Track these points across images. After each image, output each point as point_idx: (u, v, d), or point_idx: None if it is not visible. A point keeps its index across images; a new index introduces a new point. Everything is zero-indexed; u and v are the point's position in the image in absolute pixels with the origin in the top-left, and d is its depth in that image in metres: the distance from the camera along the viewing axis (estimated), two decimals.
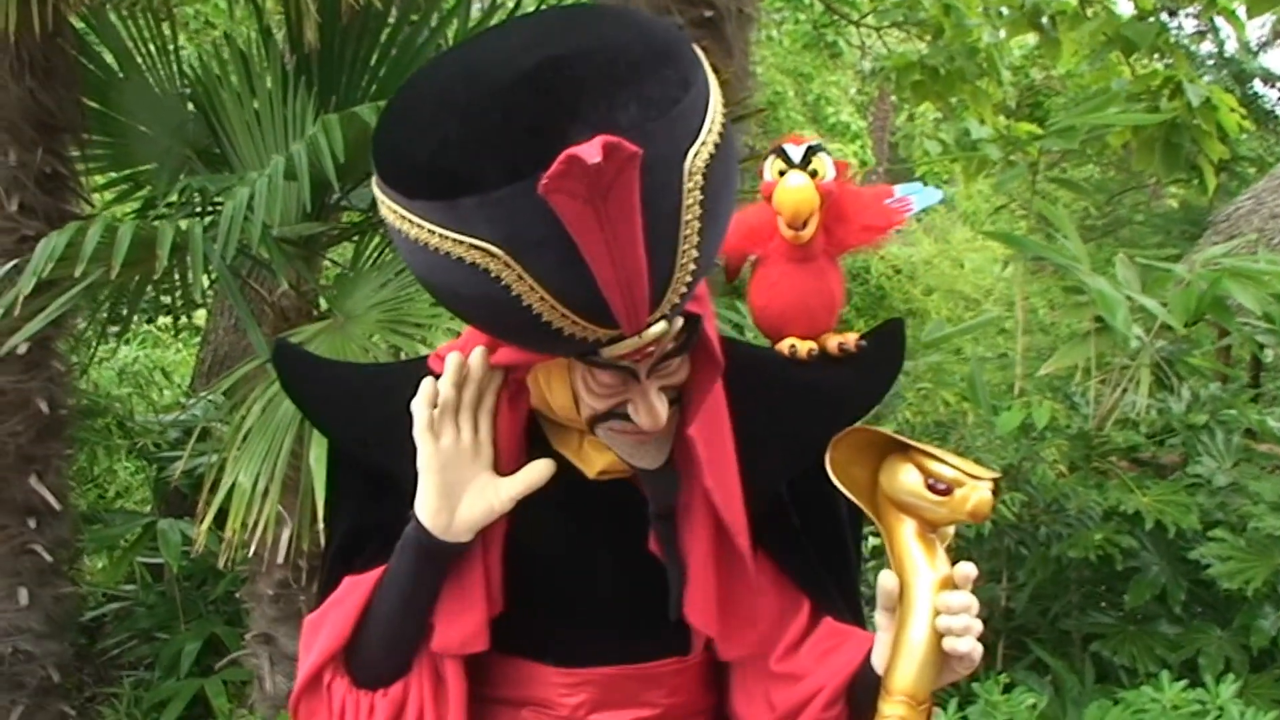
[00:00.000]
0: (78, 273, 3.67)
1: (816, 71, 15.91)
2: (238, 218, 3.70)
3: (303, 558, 4.52)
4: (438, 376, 1.63)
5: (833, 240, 1.84)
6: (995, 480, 1.61)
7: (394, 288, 4.07)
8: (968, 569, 1.60)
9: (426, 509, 1.63)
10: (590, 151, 1.22)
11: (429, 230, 1.35)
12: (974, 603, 1.58)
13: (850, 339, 1.82)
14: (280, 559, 4.49)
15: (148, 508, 6.35)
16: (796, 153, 1.76)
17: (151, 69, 4.80)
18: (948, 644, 1.56)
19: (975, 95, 8.11)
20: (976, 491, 1.58)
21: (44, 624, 4.90)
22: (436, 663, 1.73)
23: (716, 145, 1.37)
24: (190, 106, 4.81)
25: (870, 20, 10.36)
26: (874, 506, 1.69)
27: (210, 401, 6.09)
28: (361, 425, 1.78)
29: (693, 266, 1.40)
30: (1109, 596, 4.41)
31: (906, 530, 1.66)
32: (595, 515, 1.75)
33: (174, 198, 4.42)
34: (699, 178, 1.34)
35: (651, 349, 1.49)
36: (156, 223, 3.93)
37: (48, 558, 4.88)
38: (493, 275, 1.35)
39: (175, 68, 4.83)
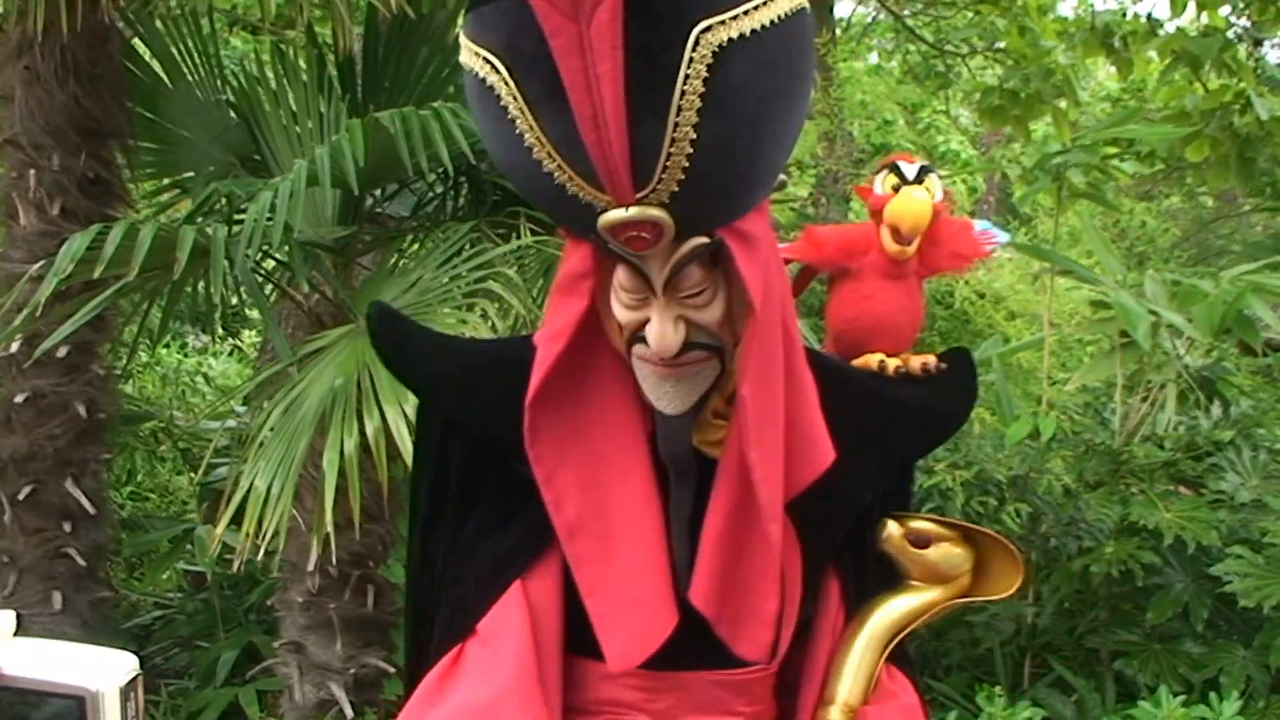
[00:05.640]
0: (97, 274, 3.71)
1: (925, 100, 15.83)
2: (260, 221, 3.74)
3: (332, 565, 4.53)
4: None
5: (924, 263, 1.86)
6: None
7: (416, 292, 4.08)
8: None
9: None
10: None
11: (466, 44, 1.43)
12: None
13: (931, 360, 1.84)
14: (310, 566, 4.50)
15: (192, 515, 6.41)
16: (911, 170, 1.81)
17: (196, 76, 4.85)
18: None
19: (1055, 118, 8.01)
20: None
21: (79, 628, 4.92)
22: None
23: (746, 37, 1.37)
24: (233, 114, 4.85)
25: (962, 47, 10.28)
26: None
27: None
28: (482, 401, 1.71)
29: (689, 150, 1.39)
30: (1135, 614, 4.34)
31: None
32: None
33: (208, 204, 4.44)
34: (707, 54, 1.35)
35: (644, 235, 1.46)
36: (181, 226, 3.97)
37: (82, 562, 4.91)
38: (495, 91, 1.40)
39: (219, 75, 4.88)
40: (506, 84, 1.38)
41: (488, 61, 1.39)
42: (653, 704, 1.70)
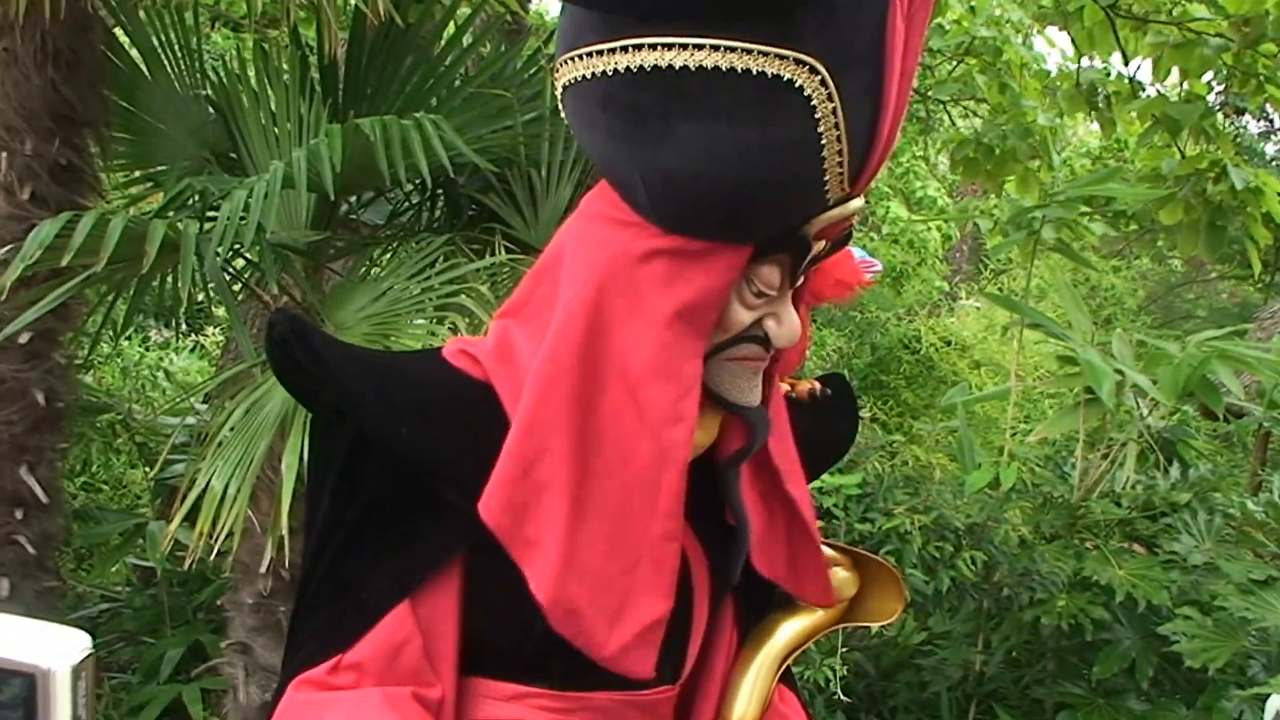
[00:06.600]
0: (65, 262, 3.67)
1: (905, 146, 16.06)
2: (233, 219, 3.70)
3: (285, 568, 4.50)
4: (459, 371, 1.62)
5: (809, 290, 1.85)
6: None
7: (386, 302, 4.07)
8: None
9: None
10: None
11: (773, 51, 1.36)
12: None
13: (818, 386, 1.87)
14: (263, 568, 4.47)
15: (145, 509, 6.37)
16: None
17: (176, 70, 4.81)
18: None
19: (1025, 177, 8.06)
20: None
21: (24, 617, 4.85)
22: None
23: None
24: (210, 110, 4.82)
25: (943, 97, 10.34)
26: None
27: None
28: (393, 410, 1.62)
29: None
30: (1082, 667, 4.37)
31: None
32: None
33: (181, 198, 4.40)
34: None
35: (847, 225, 1.55)
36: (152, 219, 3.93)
37: (31, 550, 4.84)
38: (805, 95, 1.38)
39: (199, 69, 4.84)
40: (826, 86, 1.38)
41: (803, 65, 1.37)
42: None
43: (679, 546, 1.58)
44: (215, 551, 3.86)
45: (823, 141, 1.41)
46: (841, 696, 4.26)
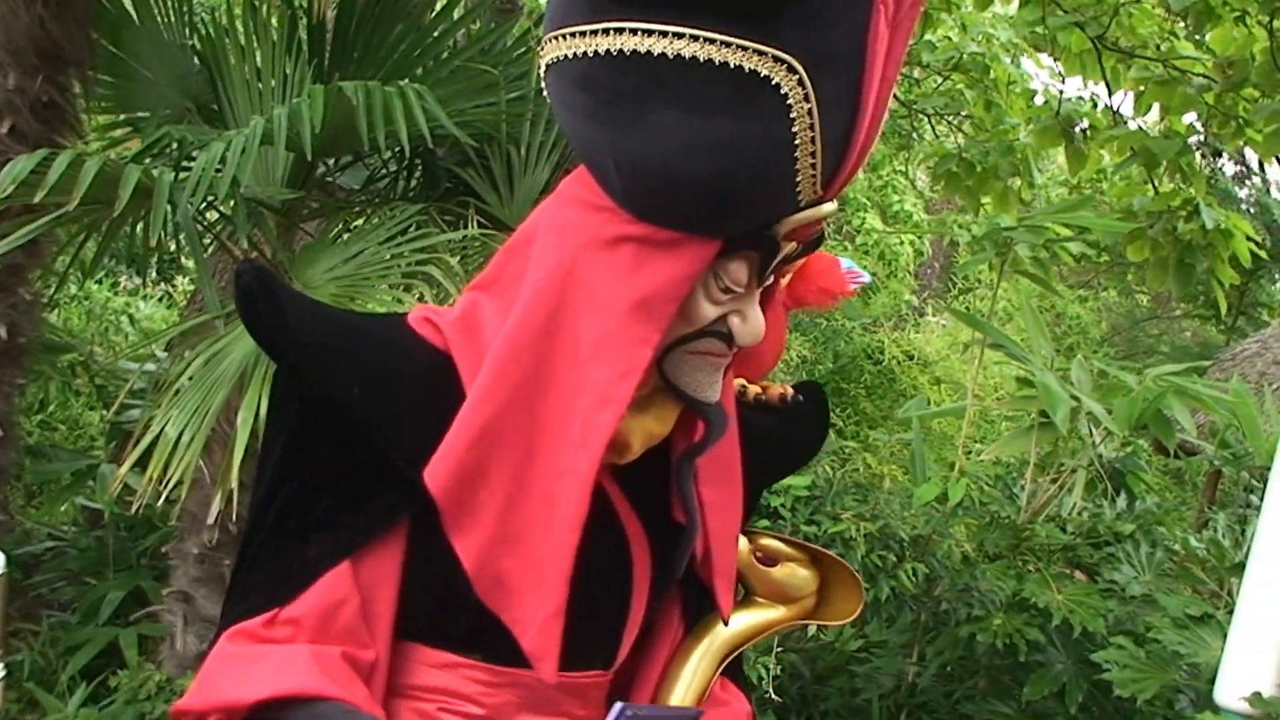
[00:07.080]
0: (37, 199, 3.66)
1: (885, 160, 16.11)
2: (208, 171, 3.70)
3: (232, 521, 4.50)
4: (421, 339, 1.64)
5: (792, 295, 1.88)
6: None
7: (355, 265, 4.07)
8: None
9: None
10: None
11: (754, 46, 1.37)
12: None
13: (789, 391, 1.87)
14: (210, 520, 4.48)
15: (99, 452, 6.35)
16: None
17: (165, 18, 4.80)
18: None
19: (1004, 195, 8.07)
20: None
21: None
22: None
23: None
24: (196, 61, 4.81)
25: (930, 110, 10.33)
26: None
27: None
28: (353, 370, 1.61)
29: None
30: (1013, 687, 4.41)
31: None
32: None
33: (158, 145, 4.39)
34: None
35: (818, 228, 1.57)
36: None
37: None
38: (781, 93, 1.39)
39: (188, 19, 4.83)
40: (803, 85, 1.39)
41: (782, 63, 1.38)
42: (489, 698, 1.68)
43: (576, 539, 1.57)
44: (164, 499, 3.85)
45: (796, 141, 1.42)
46: (773, 696, 4.28)
